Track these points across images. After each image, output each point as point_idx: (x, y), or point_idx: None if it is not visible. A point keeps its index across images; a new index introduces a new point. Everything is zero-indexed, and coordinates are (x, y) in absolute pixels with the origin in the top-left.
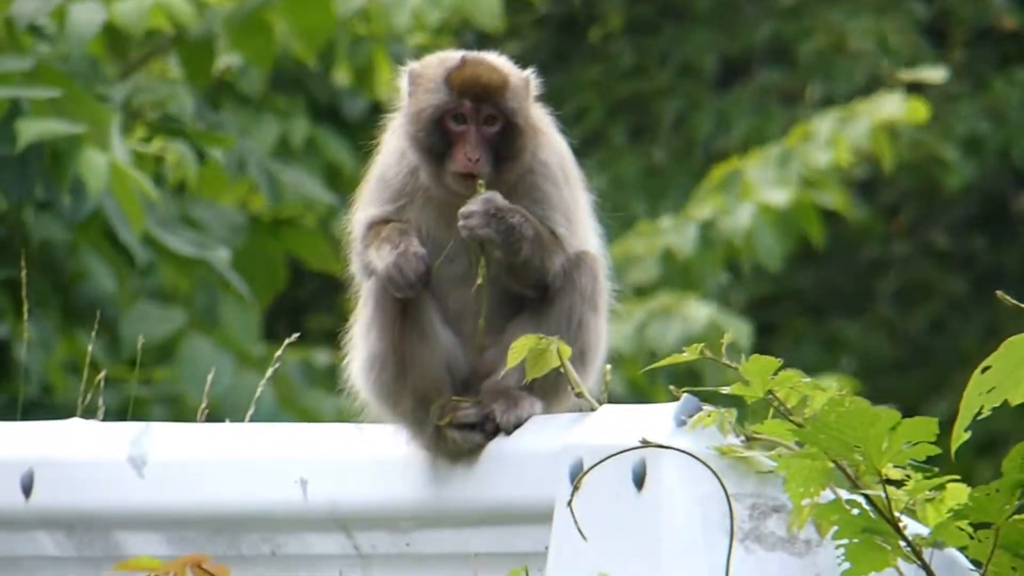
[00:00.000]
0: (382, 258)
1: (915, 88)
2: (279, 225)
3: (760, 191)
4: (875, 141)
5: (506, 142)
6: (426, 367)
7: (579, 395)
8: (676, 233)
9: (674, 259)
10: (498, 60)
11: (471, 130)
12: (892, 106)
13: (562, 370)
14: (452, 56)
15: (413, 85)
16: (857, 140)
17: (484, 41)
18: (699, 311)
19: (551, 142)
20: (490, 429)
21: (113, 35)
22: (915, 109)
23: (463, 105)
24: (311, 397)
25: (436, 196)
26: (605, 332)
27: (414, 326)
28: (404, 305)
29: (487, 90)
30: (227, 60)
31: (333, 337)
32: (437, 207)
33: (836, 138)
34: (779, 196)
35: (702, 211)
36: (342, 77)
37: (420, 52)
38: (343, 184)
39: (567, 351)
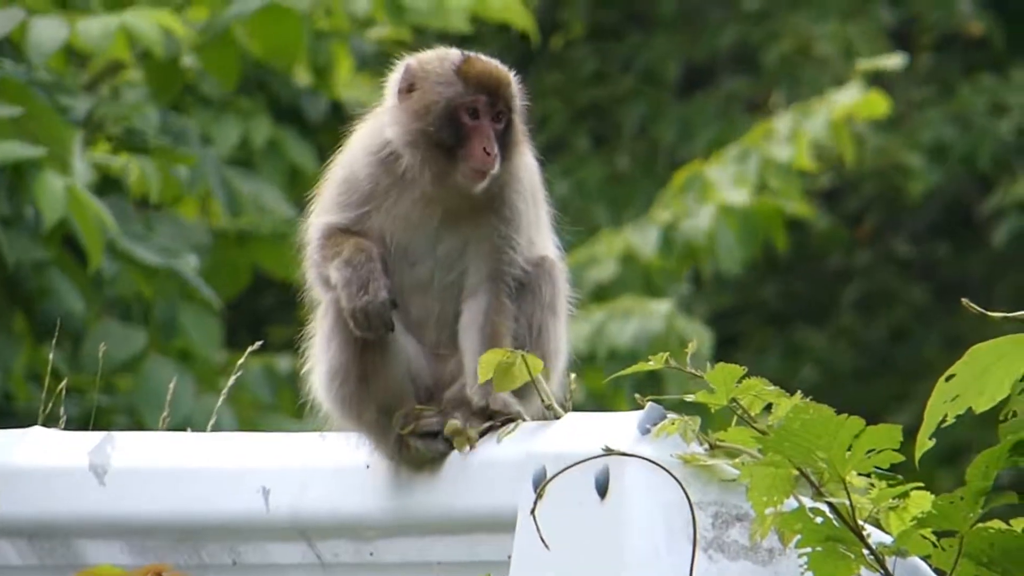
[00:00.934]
0: (349, 296)
1: (878, 82)
2: (244, 238)
3: (720, 191)
4: (835, 135)
5: (506, 140)
6: (389, 377)
7: (548, 407)
8: (637, 235)
9: (635, 262)
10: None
11: (485, 125)
12: (850, 97)
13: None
14: (454, 52)
15: (415, 80)
16: (817, 135)
17: (445, 43)
18: (657, 308)
19: (526, 153)
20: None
21: (75, 52)
22: (874, 102)
23: (479, 99)
24: (273, 420)
25: (419, 194)
26: (565, 336)
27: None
28: None
29: (501, 85)
30: (189, 61)
31: (294, 345)
32: (407, 208)
33: (796, 134)
34: (739, 196)
35: (664, 215)
36: (303, 76)
37: (383, 47)
38: (304, 186)
39: (538, 364)
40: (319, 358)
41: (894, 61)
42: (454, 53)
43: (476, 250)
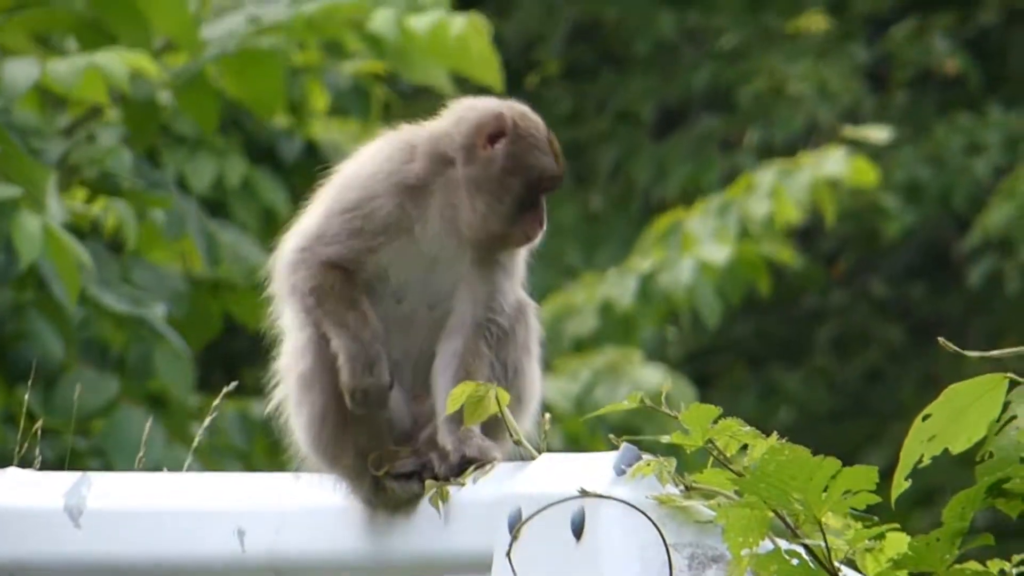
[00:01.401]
0: (353, 373)
1: (856, 144)
2: (218, 287)
3: (700, 244)
4: (817, 195)
5: None
6: (368, 421)
7: (518, 443)
8: (616, 285)
9: (613, 311)
10: None
11: (543, 197)
12: (837, 164)
13: (500, 416)
14: (539, 119)
15: (507, 133)
16: (798, 194)
17: (420, 87)
18: (648, 374)
19: None
20: (428, 478)
21: (49, 94)
22: (862, 170)
23: (560, 179)
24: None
25: (433, 233)
26: (539, 375)
27: None
28: None
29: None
30: (166, 97)
31: (265, 389)
32: (416, 245)
33: (777, 191)
34: (719, 253)
35: (643, 264)
36: (279, 116)
37: (358, 81)
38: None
39: (505, 397)
40: (298, 401)
41: (881, 134)
42: (540, 120)
43: (466, 292)
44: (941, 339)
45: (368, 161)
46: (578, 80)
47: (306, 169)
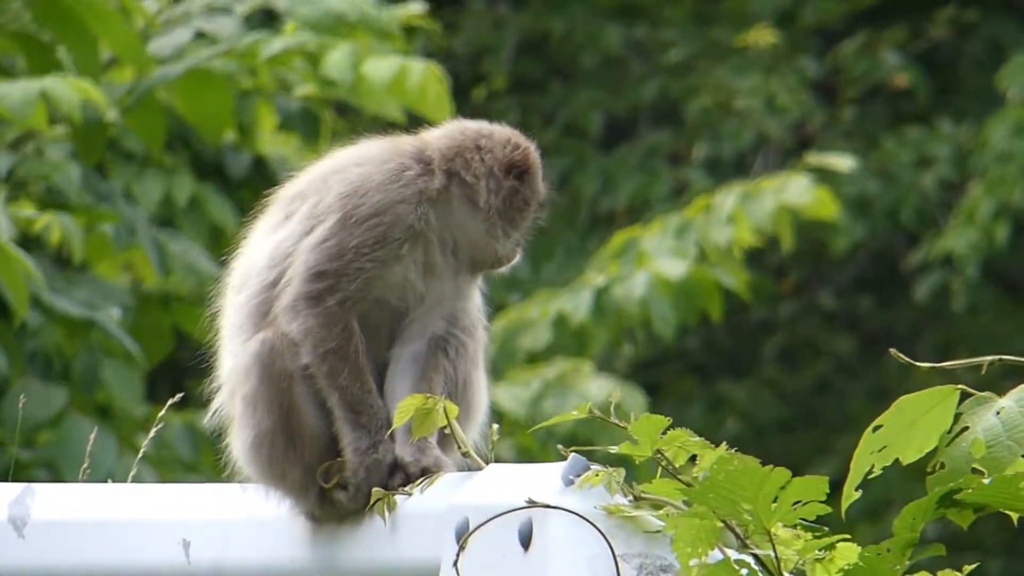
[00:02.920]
0: (358, 451)
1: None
2: (167, 300)
3: (656, 261)
4: (777, 223)
5: None
6: (317, 437)
7: (466, 454)
8: (570, 300)
9: (567, 325)
10: None
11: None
12: (799, 194)
13: (447, 430)
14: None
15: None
16: (759, 219)
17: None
18: (598, 386)
19: None
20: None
21: None
22: (824, 203)
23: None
24: (195, 480)
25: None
26: (486, 386)
27: (305, 395)
28: (291, 376)
29: None
30: (113, 116)
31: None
32: (428, 255)
33: (737, 215)
34: (675, 268)
35: (597, 279)
36: (227, 134)
37: (307, 105)
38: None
39: (453, 410)
40: (242, 423)
41: (846, 163)
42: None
43: (438, 306)
44: (893, 350)
45: (378, 170)
46: (525, 93)
47: (254, 183)
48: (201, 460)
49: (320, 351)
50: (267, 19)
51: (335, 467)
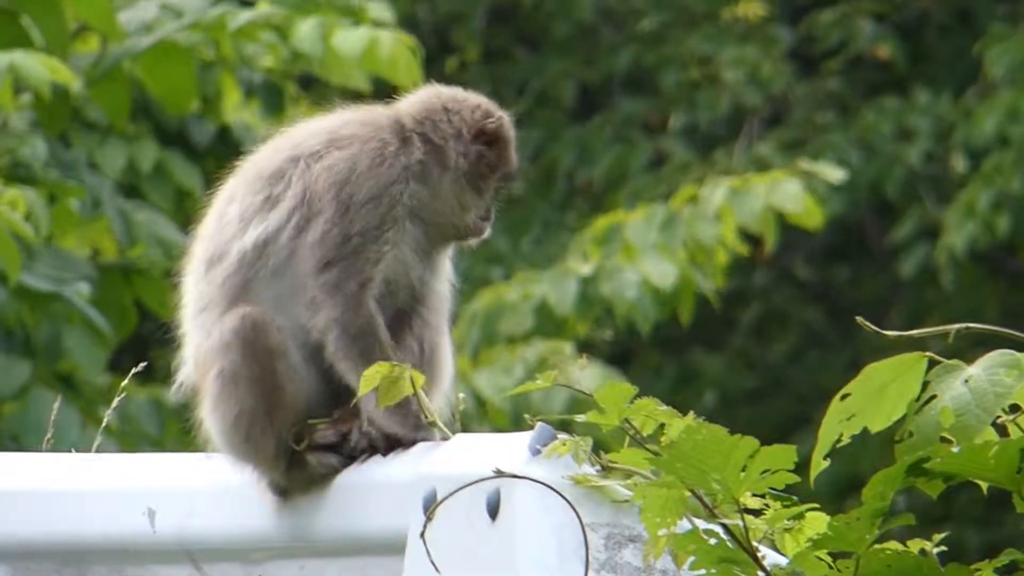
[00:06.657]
0: (404, 424)
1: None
2: (129, 273)
3: (642, 257)
4: (761, 223)
5: None
6: (297, 413)
7: (432, 424)
8: (555, 288)
9: (550, 312)
10: None
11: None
12: (790, 200)
13: (414, 398)
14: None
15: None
16: (746, 219)
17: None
18: (583, 373)
19: None
20: (347, 451)
21: None
22: (812, 213)
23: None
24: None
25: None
26: (451, 354)
27: (287, 372)
28: (272, 353)
29: None
30: (77, 87)
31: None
32: (423, 229)
33: (724, 213)
34: (666, 277)
35: (581, 268)
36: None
37: (271, 77)
38: (192, 208)
39: (420, 379)
40: (217, 399)
41: (836, 175)
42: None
43: (412, 277)
44: (859, 318)
45: (361, 151)
46: (497, 63)
47: (218, 152)
48: (166, 435)
49: (351, 334)
50: None
51: (307, 430)
